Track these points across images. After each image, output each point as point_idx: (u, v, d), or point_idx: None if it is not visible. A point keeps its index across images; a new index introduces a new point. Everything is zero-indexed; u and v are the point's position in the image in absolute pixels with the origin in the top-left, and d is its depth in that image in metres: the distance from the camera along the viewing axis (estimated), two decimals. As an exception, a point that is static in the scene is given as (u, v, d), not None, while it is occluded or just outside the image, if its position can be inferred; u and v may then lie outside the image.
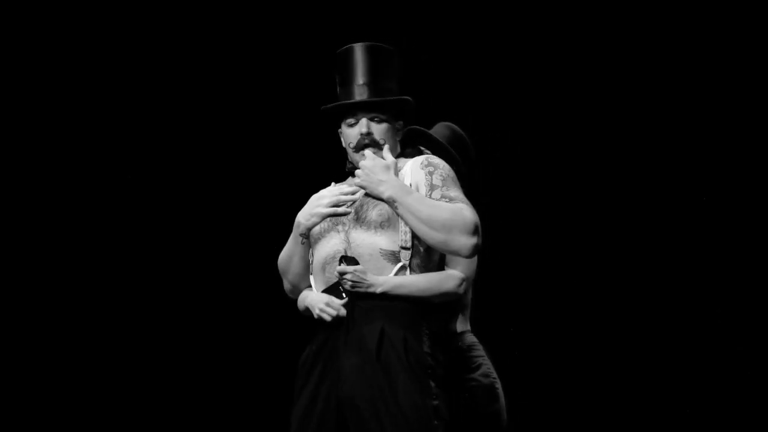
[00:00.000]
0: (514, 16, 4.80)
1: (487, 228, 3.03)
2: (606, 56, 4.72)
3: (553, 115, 4.80)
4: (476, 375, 3.07)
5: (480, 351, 3.14)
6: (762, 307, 4.49)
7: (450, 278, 2.80)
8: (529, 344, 4.69)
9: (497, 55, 4.82)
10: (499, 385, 3.11)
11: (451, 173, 2.85)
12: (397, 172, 2.78)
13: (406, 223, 2.72)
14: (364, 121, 2.84)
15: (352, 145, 2.86)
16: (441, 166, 2.85)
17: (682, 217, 4.62)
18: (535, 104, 4.81)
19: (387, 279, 2.71)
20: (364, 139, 2.83)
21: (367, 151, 2.81)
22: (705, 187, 4.61)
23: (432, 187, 2.78)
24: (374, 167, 2.74)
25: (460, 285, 2.82)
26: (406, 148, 3.00)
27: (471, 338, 3.16)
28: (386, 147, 2.84)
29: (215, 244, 4.96)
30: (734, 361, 4.49)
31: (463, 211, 2.72)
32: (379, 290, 2.69)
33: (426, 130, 3.25)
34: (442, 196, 2.76)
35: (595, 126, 4.75)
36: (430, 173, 2.81)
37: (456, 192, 2.79)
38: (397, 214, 2.73)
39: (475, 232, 2.72)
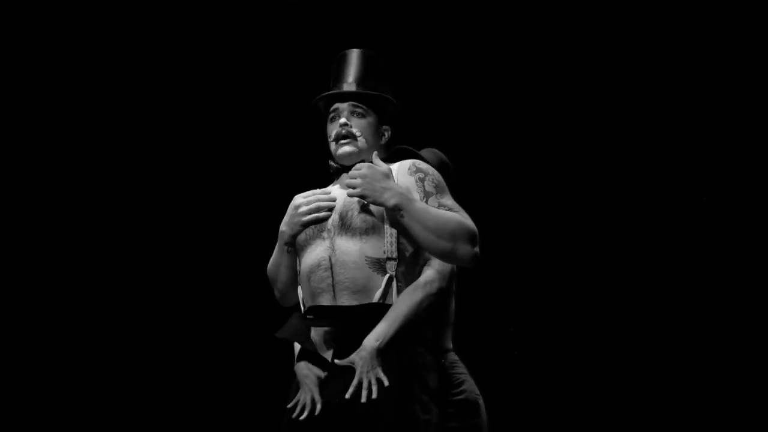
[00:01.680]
0: (514, 16, 4.80)
1: (487, 227, 3.04)
2: (605, 56, 4.72)
3: (552, 115, 4.80)
4: (459, 390, 3.08)
5: (462, 368, 3.15)
6: (762, 307, 4.48)
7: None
8: (528, 344, 4.69)
9: (497, 55, 4.82)
10: (481, 401, 3.13)
11: (441, 179, 2.84)
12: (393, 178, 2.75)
13: (409, 231, 2.68)
14: (345, 112, 2.84)
15: (331, 138, 2.86)
16: (430, 172, 2.83)
17: (682, 217, 4.62)
18: (534, 104, 4.81)
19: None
20: (342, 129, 2.83)
21: (364, 165, 2.74)
22: (705, 187, 4.61)
23: (426, 194, 2.76)
24: (374, 175, 2.69)
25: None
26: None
27: (453, 356, 3.17)
28: (375, 154, 2.81)
29: (210, 245, 4.96)
30: (734, 361, 4.48)
31: (467, 221, 2.72)
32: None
33: (412, 149, 3.25)
34: (440, 205, 2.74)
35: (594, 126, 4.75)
36: (421, 179, 2.79)
37: (450, 200, 2.79)
38: (400, 223, 2.68)
39: (477, 241, 2.72)
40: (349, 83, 2.85)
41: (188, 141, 5.01)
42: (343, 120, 2.83)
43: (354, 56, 2.89)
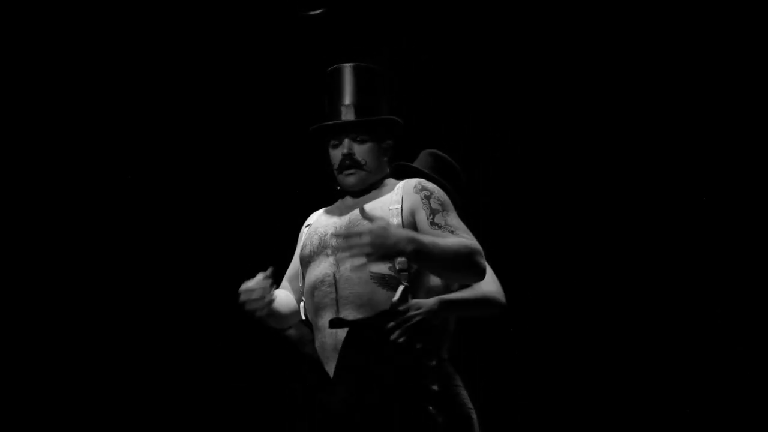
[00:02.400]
0: (514, 16, 4.80)
1: (487, 228, 3.04)
2: (605, 56, 4.72)
3: (552, 116, 4.80)
4: (453, 403, 3.07)
5: (457, 381, 3.15)
6: (762, 307, 4.48)
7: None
8: (528, 345, 4.69)
9: (496, 55, 4.82)
10: (474, 415, 3.12)
11: (447, 198, 2.83)
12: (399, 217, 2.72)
13: (426, 267, 2.68)
14: (346, 141, 2.82)
15: (335, 167, 2.85)
16: (435, 191, 2.81)
17: (682, 217, 4.62)
18: (534, 104, 4.81)
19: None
20: (345, 159, 2.81)
21: (363, 228, 2.60)
22: (705, 187, 4.61)
23: (433, 212, 2.75)
24: (377, 234, 2.57)
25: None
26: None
27: (448, 367, 3.16)
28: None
29: (211, 245, 4.96)
30: (734, 361, 4.48)
31: (471, 242, 2.70)
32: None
33: (411, 164, 3.24)
34: (446, 223, 2.73)
35: (594, 126, 4.75)
36: (427, 197, 2.77)
37: (454, 219, 2.77)
38: (419, 264, 2.68)
39: (483, 256, 2.72)
40: (347, 106, 2.81)
41: (189, 143, 5.02)
42: (346, 151, 2.82)
43: (348, 73, 2.85)
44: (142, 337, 4.93)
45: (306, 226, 2.94)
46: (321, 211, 2.94)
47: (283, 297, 2.92)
